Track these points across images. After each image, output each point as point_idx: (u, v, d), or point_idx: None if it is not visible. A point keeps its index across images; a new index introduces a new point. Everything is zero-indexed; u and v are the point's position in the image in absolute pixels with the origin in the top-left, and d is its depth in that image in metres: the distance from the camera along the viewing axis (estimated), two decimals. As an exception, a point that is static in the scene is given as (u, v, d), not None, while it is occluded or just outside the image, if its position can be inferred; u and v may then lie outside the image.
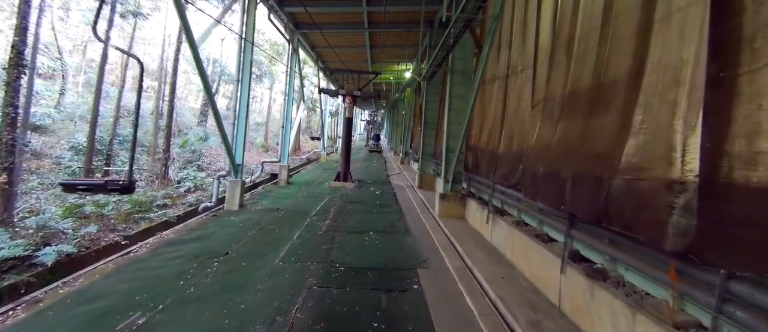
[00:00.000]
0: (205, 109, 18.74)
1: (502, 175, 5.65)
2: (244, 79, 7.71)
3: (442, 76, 12.23)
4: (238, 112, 7.68)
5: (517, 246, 4.76)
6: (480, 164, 7.04)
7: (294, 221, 6.72)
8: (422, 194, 10.16)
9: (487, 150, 6.61)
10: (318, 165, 18.62)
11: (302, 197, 9.26)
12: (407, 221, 7.13)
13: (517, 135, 5.36)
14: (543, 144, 3.99)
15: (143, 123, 14.05)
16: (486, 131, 6.94)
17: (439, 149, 11.67)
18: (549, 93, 4.22)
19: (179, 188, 9.78)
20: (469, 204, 7.26)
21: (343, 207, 8.10)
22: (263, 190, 10.25)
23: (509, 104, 5.96)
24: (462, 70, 7.96)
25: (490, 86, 7.19)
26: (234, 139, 7.62)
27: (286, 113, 11.66)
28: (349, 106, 11.76)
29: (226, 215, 6.93)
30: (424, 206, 8.63)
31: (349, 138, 11.98)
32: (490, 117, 6.85)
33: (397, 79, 22.84)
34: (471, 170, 7.63)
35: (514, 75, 5.88)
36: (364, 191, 10.54)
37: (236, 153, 7.60)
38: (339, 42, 13.97)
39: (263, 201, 8.50)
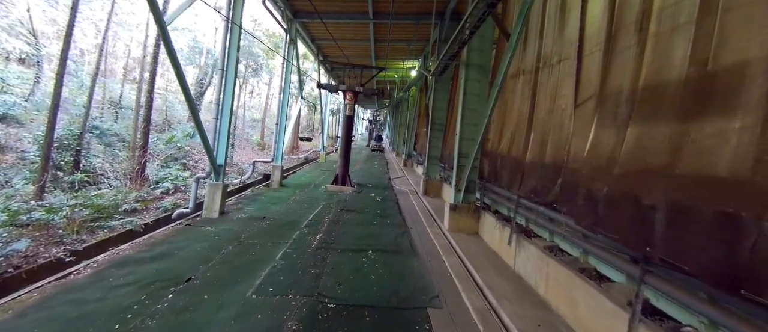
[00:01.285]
0: (198, 102, 17.74)
1: (530, 189, 4.66)
2: (229, 67, 6.74)
3: (453, 72, 11.26)
4: (221, 105, 6.71)
5: (553, 280, 3.77)
6: (499, 173, 6.05)
7: (280, 234, 5.75)
8: (428, 202, 9.18)
9: (510, 157, 5.62)
10: (316, 165, 17.65)
11: (294, 203, 8.28)
12: (412, 236, 6.15)
13: (552, 141, 4.37)
14: (602, 155, 3.00)
15: (126, 115, 13.18)
16: (507, 135, 5.96)
17: (447, 153, 10.70)
18: (607, 88, 3.23)
19: (157, 189, 8.83)
20: (485, 219, 6.27)
21: (340, 216, 7.13)
22: (252, 193, 9.28)
23: (539, 102, 4.97)
24: (479, 64, 6.97)
25: (512, 83, 6.21)
26: (216, 136, 6.65)
27: (281, 109, 10.69)
28: (350, 103, 10.79)
29: (202, 225, 5.97)
30: (430, 218, 7.65)
31: (349, 138, 11.02)
32: (513, 118, 5.86)
33: (401, 77, 21.89)
34: (487, 179, 6.65)
35: (547, 68, 4.89)
36: (363, 196, 9.56)
37: (218, 152, 6.64)
38: (341, 34, 13.01)
39: (249, 207, 7.53)
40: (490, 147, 6.66)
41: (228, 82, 6.75)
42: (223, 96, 6.75)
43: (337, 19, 11.24)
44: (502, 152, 6.06)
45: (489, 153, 6.69)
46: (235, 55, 6.79)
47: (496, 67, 7.08)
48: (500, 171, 6.01)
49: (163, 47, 4.86)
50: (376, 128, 40.62)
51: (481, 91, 6.95)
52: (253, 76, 23.59)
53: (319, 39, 14.18)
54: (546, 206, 4.21)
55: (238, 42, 6.88)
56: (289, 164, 18.60)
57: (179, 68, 5.11)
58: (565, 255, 4.04)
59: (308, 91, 34.70)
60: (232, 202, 8.04)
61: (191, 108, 5.53)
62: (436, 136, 10.96)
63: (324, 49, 15.60)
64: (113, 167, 9.70)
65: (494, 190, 6.29)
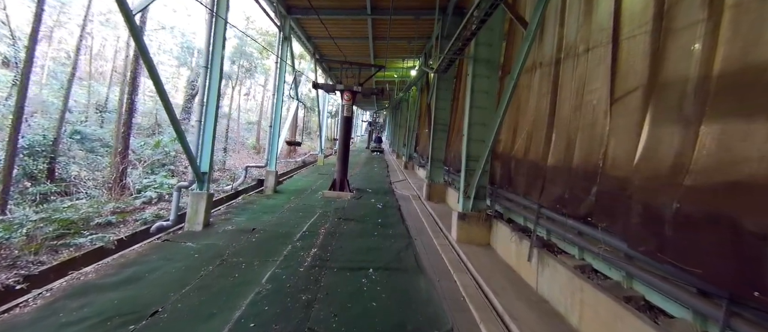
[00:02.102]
0: (189, 105, 17.08)
1: (555, 198, 4.04)
2: (213, 64, 6.13)
3: (457, 70, 10.68)
4: (206, 106, 6.10)
5: (589, 309, 3.15)
6: (513, 178, 5.44)
7: (270, 249, 5.13)
8: (432, 208, 8.57)
9: (526, 161, 5.01)
10: (314, 169, 17.04)
11: (288, 212, 7.66)
12: (418, 249, 5.53)
13: (581, 142, 3.76)
14: (663, 160, 2.39)
15: (112, 119, 12.53)
16: (522, 136, 5.35)
17: (452, 155, 10.08)
18: (664, 77, 2.62)
19: (138, 198, 8.20)
20: (497, 228, 5.65)
21: (337, 227, 6.51)
22: (244, 201, 8.66)
23: (562, 98, 4.37)
24: (487, 58, 6.37)
25: (527, 78, 5.60)
26: (199, 140, 6.04)
27: (275, 111, 10.08)
28: (348, 103, 10.18)
29: (182, 240, 5.34)
30: (436, 226, 7.03)
31: (348, 140, 10.40)
32: (529, 117, 5.26)
33: (401, 77, 21.30)
34: (499, 185, 6.04)
35: (570, 59, 4.29)
36: (363, 203, 8.94)
37: (201, 158, 6.02)
38: (338, 32, 12.40)
39: (239, 217, 6.91)
40: (502, 149, 6.05)
41: (212, 80, 6.14)
42: (208, 96, 6.14)
43: (334, 15, 10.65)
44: (516, 154, 5.45)
45: (500, 156, 6.08)
46: (221, 51, 6.18)
47: (507, 62, 6.49)
48: (515, 176, 5.40)
49: (133, 41, 4.25)
50: (375, 130, 40.06)
51: (490, 88, 6.35)
52: (249, 78, 22.90)
53: (316, 37, 13.59)
54: (577, 220, 3.60)
55: (224, 37, 6.28)
56: (285, 168, 17.98)
57: (151, 64, 4.49)
58: (602, 278, 3.43)
59: (306, 92, 34.15)
60: (221, 212, 7.41)
61: (166, 108, 4.91)
62: (439, 137, 10.36)
63: (321, 48, 15.01)
64: (93, 175, 9.06)
65: (508, 197, 5.68)
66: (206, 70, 6.13)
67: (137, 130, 13.90)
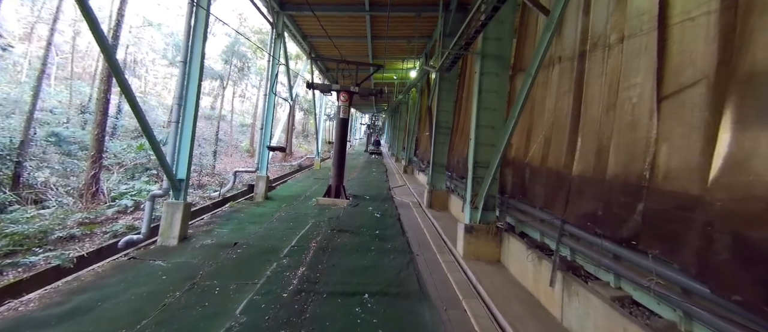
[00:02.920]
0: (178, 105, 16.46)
1: (584, 214, 3.43)
2: (192, 58, 5.52)
3: (460, 69, 10.10)
4: (184, 105, 5.48)
5: (637, 357, 2.53)
6: (529, 187, 4.82)
7: (251, 268, 4.48)
8: (434, 217, 7.94)
9: (544, 169, 4.39)
10: (309, 173, 16.40)
11: (278, 222, 7.02)
12: (420, 267, 4.89)
13: (617, 149, 3.15)
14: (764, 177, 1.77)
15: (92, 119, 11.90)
16: (538, 140, 4.74)
17: (455, 160, 9.47)
18: (748, 65, 2.00)
19: (112, 207, 7.53)
20: (509, 243, 5.03)
21: (330, 240, 5.87)
22: (231, 209, 8.01)
23: (589, 96, 3.76)
24: (497, 54, 5.77)
25: (543, 74, 5.00)
26: (176, 143, 5.41)
27: (266, 112, 9.46)
28: (345, 104, 9.58)
29: (152, 257, 4.69)
30: (439, 239, 6.40)
31: (344, 144, 9.78)
32: (546, 119, 4.65)
33: (401, 79, 20.74)
34: (510, 195, 5.42)
35: (598, 51, 3.69)
36: (360, 211, 8.31)
37: (178, 164, 5.39)
38: (335, 30, 11.82)
39: (222, 228, 6.26)
40: (514, 155, 5.44)
41: (191, 76, 5.52)
42: (186, 94, 5.51)
43: (330, 11, 10.07)
44: (531, 161, 4.83)
45: (512, 162, 5.47)
46: (201, 44, 5.57)
47: (518, 58, 5.90)
48: (530, 186, 4.78)
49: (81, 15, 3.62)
50: (374, 133, 39.50)
51: (499, 86, 5.75)
52: (243, 79, 22.19)
53: (311, 36, 13.01)
54: (615, 242, 2.98)
55: (206, 28, 5.66)
56: (280, 172, 17.35)
57: (109, 52, 3.87)
58: (641, 310, 2.81)
59: (303, 94, 33.56)
60: (203, 222, 6.76)
61: (131, 104, 4.28)
62: (441, 141, 9.76)
63: (317, 48, 14.43)
64: (66, 181, 8.38)
65: (521, 208, 5.06)
66: (184, 64, 5.51)
67: (123, 132, 13.26)
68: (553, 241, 4.16)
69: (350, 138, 44.33)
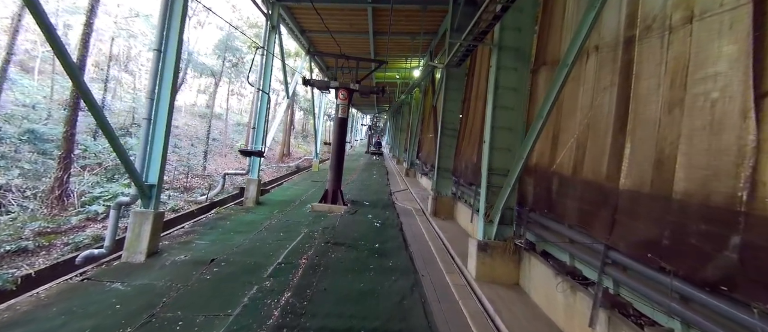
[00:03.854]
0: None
1: (641, 242, 2.70)
2: (168, 46, 4.83)
3: (468, 66, 9.38)
4: (157, 99, 4.78)
5: None
6: (556, 200, 4.09)
7: (227, 294, 3.77)
8: (439, 227, 7.22)
9: (578, 180, 3.67)
10: (307, 175, 15.71)
11: (266, 232, 6.30)
12: (427, 294, 4.16)
13: (689, 159, 2.43)
14: None
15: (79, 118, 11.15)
16: (568, 145, 4.02)
17: (461, 164, 8.74)
18: None
19: (82, 213, 6.81)
20: (530, 264, 4.32)
21: (323, 255, 5.15)
22: (217, 215, 7.30)
23: (641, 91, 3.04)
24: (515, 47, 5.06)
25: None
26: (147, 142, 4.71)
27: (259, 110, 8.77)
28: (344, 103, 8.88)
29: (110, 277, 3.99)
30: (447, 254, 5.68)
31: (342, 145, 9.07)
32: (577, 119, 3.93)
33: (403, 79, 20.04)
34: (532, 207, 4.69)
35: (656, 35, 2.96)
36: (358, 220, 7.59)
37: (148, 167, 4.69)
38: (335, 25, 11.14)
39: (202, 239, 5.56)
40: (536, 162, 4.72)
41: (166, 67, 4.83)
42: (160, 87, 4.81)
43: (329, 3, 9.38)
44: (559, 169, 4.11)
45: (534, 170, 4.74)
46: (179, 30, 4.87)
47: (541, 51, 5.18)
48: (557, 199, 4.06)
49: None
50: (375, 134, 38.85)
51: (518, 83, 5.04)
52: (238, 76, 21.41)
53: (310, 31, 12.33)
54: (698, 285, 2.25)
55: (184, 13, 4.97)
56: (277, 174, 16.66)
57: (53, 34, 3.18)
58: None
59: (303, 93, 32.88)
60: (182, 231, 6.06)
61: (83, 94, 3.59)
62: (447, 143, 9.03)
63: (316, 44, 13.74)
64: (36, 184, 7.68)
65: (544, 223, 4.34)
66: (158, 54, 4.82)
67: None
68: (588, 266, 3.44)
69: (351, 139, 43.76)
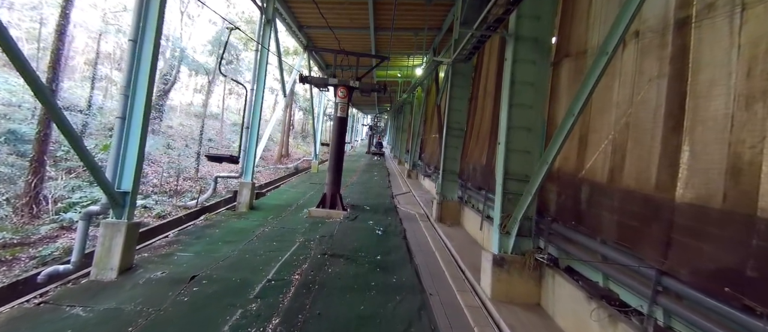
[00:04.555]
0: (161, 102, 14.98)
1: (713, 271, 2.16)
2: (145, 37, 4.30)
3: (474, 64, 8.85)
4: (132, 96, 4.25)
5: None
6: (586, 211, 3.55)
7: (204, 321, 3.24)
8: (446, 235, 6.68)
9: (618, 190, 3.12)
10: (306, 177, 15.18)
11: (258, 241, 5.78)
12: (437, 319, 3.62)
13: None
14: None
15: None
16: (601, 146, 3.48)
17: (469, 167, 8.20)
18: None
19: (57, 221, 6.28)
20: (553, 282, 3.78)
21: (319, 270, 4.62)
22: (206, 222, 6.78)
23: (701, 83, 2.50)
24: (534, 36, 4.51)
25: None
26: (121, 145, 4.18)
27: (253, 109, 8.24)
28: (343, 101, 8.35)
29: (74, 300, 3.47)
30: (456, 268, 5.14)
31: (341, 146, 8.54)
32: (614, 117, 3.39)
33: (405, 78, 19.51)
34: (555, 217, 4.15)
35: (723, 14, 2.43)
36: (358, 227, 7.06)
37: (122, 172, 4.16)
38: (334, 20, 10.61)
39: (185, 251, 5.03)
40: (560, 166, 4.18)
41: (142, 59, 4.30)
42: (135, 83, 4.28)
43: (327, -5, 8.85)
44: (589, 175, 3.57)
45: (557, 176, 4.20)
46: (157, 17, 4.34)
47: (563, 41, 4.64)
48: (588, 209, 3.52)
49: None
50: (376, 134, 38.36)
51: (537, 77, 4.49)
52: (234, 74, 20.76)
53: (308, 26, 11.80)
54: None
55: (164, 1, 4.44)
56: (274, 176, 16.14)
57: None
58: None
59: (303, 93, 32.35)
60: (167, 241, 5.53)
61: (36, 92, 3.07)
62: (453, 144, 8.49)
63: (314, 40, 13.22)
64: (10, 188, 7.17)
65: (570, 237, 3.80)
66: (134, 44, 4.29)
67: (100, 128, 12.05)
68: (628, 290, 2.91)
69: (351, 139, 43.23)
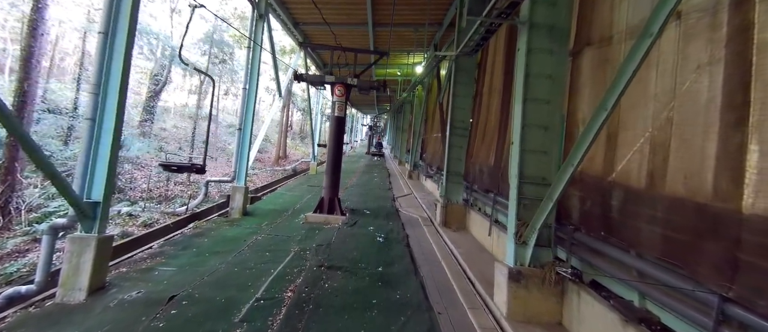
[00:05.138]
0: (152, 104, 14.44)
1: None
2: (117, 28, 3.85)
3: (478, 60, 8.41)
4: (103, 95, 3.81)
5: None
6: (618, 220, 3.10)
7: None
8: (452, 241, 6.24)
9: (661, 197, 2.67)
10: (304, 179, 14.76)
11: (249, 251, 5.33)
12: (447, 342, 3.17)
13: None
14: None
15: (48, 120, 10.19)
16: (639, 147, 3.03)
17: (476, 168, 7.73)
18: None
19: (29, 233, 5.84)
20: (579, 299, 3.34)
21: (314, 286, 4.17)
22: (195, 229, 6.33)
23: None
24: (550, 24, 4.07)
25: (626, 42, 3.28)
26: (90, 150, 3.73)
27: (245, 109, 7.80)
28: (341, 100, 7.90)
29: (35, 327, 3.03)
30: (465, 279, 4.69)
31: (339, 148, 8.10)
32: (651, 112, 2.95)
33: (405, 75, 19.06)
34: (578, 226, 3.71)
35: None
36: (358, 233, 6.61)
37: (92, 180, 3.71)
38: (331, 16, 10.17)
39: (167, 266, 4.59)
40: (581, 169, 3.73)
41: (114, 53, 3.85)
42: (107, 80, 3.84)
43: (323, -12, 8.40)
44: (621, 179, 3.12)
45: (580, 179, 3.75)
46: (130, 6, 3.89)
47: (585, 27, 4.19)
48: (620, 218, 3.07)
49: None
50: (376, 134, 37.95)
51: (554, 69, 4.05)
52: (229, 74, 20.23)
53: (304, 23, 11.36)
54: None
55: (138, -13, 3.99)
56: (271, 178, 15.70)
57: None
58: None
59: (301, 94, 31.91)
60: (150, 252, 5.08)
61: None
62: (457, 143, 8.04)
63: (311, 37, 12.77)
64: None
65: (597, 248, 3.36)
66: (105, 37, 3.84)
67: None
68: (671, 313, 2.46)
69: (351, 140, 42.77)
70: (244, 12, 19.40)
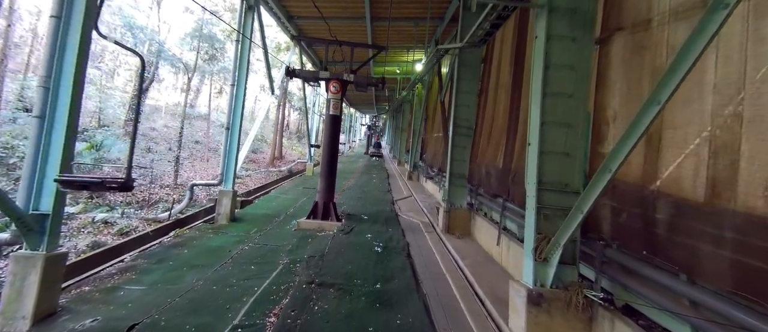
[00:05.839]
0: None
1: None
2: (72, 9, 3.30)
3: (483, 55, 7.89)
4: (55, 89, 3.27)
5: None
6: (666, 239, 2.57)
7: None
8: (456, 250, 5.72)
9: (732, 212, 2.14)
10: (300, 180, 14.21)
11: (233, 265, 4.79)
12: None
13: None
14: None
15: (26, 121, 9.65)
16: (691, 150, 2.50)
17: (482, 170, 7.20)
18: None
19: None
20: (613, 329, 2.82)
21: (302, 308, 3.63)
22: (174, 239, 5.78)
23: None
24: (571, 6, 3.53)
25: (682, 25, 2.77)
26: (38, 152, 3.19)
27: (233, 107, 7.25)
28: (336, 97, 7.36)
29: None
30: (473, 298, 4.16)
31: (335, 149, 7.55)
32: (700, 109, 2.42)
33: (404, 73, 18.52)
34: (608, 242, 3.18)
35: None
36: (354, 242, 6.07)
37: (40, 189, 3.16)
38: (326, 9, 9.62)
39: (135, 284, 4.04)
40: (617, 177, 3.20)
41: (68, 40, 3.30)
42: (59, 72, 3.29)
43: (317, -23, 7.85)
44: (670, 189, 2.59)
45: (614, 187, 3.22)
46: (87, -12, 3.34)
47: (613, 8, 3.66)
48: (667, 234, 2.54)
49: None
50: (374, 134, 37.48)
51: (577, 59, 3.51)
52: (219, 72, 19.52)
53: (298, 16, 10.81)
54: None
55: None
56: (265, 179, 15.13)
57: None
58: None
59: (298, 92, 31.27)
60: (120, 267, 4.53)
61: None
62: (461, 144, 7.50)
63: (306, 32, 12.21)
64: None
65: (634, 268, 2.83)
66: (58, 21, 3.30)
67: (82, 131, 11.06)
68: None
69: (349, 140, 42.21)
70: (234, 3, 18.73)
